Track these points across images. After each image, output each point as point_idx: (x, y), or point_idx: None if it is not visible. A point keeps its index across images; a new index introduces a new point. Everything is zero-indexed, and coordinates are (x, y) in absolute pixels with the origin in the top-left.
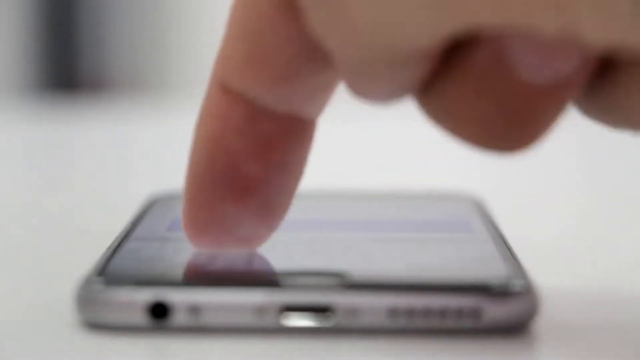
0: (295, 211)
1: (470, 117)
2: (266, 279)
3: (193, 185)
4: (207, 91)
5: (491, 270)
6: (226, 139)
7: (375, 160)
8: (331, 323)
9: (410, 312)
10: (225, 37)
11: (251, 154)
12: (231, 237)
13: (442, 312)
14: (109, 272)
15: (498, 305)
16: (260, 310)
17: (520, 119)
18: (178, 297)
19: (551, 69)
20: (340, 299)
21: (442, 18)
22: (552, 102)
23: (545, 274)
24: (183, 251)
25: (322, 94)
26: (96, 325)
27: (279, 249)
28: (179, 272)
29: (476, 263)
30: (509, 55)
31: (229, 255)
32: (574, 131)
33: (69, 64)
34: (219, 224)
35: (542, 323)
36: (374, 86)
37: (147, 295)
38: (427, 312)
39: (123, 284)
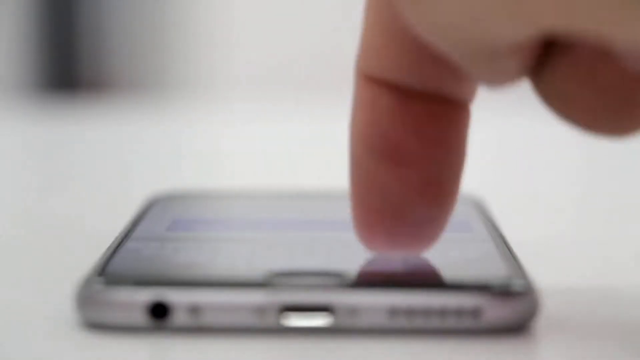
0: (295, 211)
1: (578, 102)
2: (266, 279)
3: (356, 174)
4: (354, 84)
5: (491, 270)
6: (379, 122)
7: None
8: (331, 323)
9: (410, 312)
10: (364, 27)
11: (405, 133)
12: (403, 222)
13: (442, 312)
14: (109, 272)
15: (498, 305)
16: (260, 310)
17: (625, 107)
18: (178, 297)
19: None
20: (340, 299)
21: (517, 22)
22: None
23: (545, 274)
24: (183, 251)
25: (460, 79)
26: (96, 325)
27: (279, 249)
28: (179, 272)
29: (476, 263)
30: (614, 48)
31: (228, 255)
32: (573, 130)
33: (69, 64)
34: (388, 207)
35: (542, 323)
36: (483, 73)
37: (147, 295)
38: (427, 312)
39: (123, 284)
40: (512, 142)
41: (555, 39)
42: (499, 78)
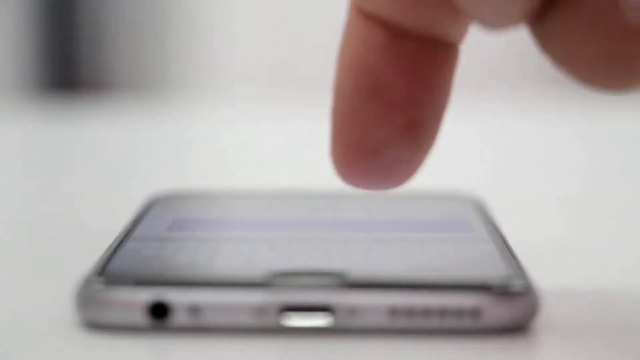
0: (295, 211)
1: (578, 51)
2: (266, 279)
3: (340, 108)
4: (347, 17)
5: (491, 270)
6: (369, 58)
7: None
8: (331, 323)
9: (410, 312)
10: None
11: (394, 72)
12: (381, 160)
13: (442, 312)
14: (109, 272)
15: (498, 305)
16: (260, 310)
17: (626, 60)
18: (178, 297)
19: None
20: (340, 299)
21: None
22: None
23: (545, 274)
24: (183, 251)
25: (457, 18)
26: (96, 325)
27: (279, 249)
28: (179, 272)
29: (476, 263)
30: None
31: (228, 254)
32: (573, 131)
33: (69, 64)
34: (367, 144)
35: (542, 323)
36: (486, 15)
37: (147, 295)
38: (427, 312)
39: (123, 284)
40: (512, 142)
41: None
42: (500, 21)
